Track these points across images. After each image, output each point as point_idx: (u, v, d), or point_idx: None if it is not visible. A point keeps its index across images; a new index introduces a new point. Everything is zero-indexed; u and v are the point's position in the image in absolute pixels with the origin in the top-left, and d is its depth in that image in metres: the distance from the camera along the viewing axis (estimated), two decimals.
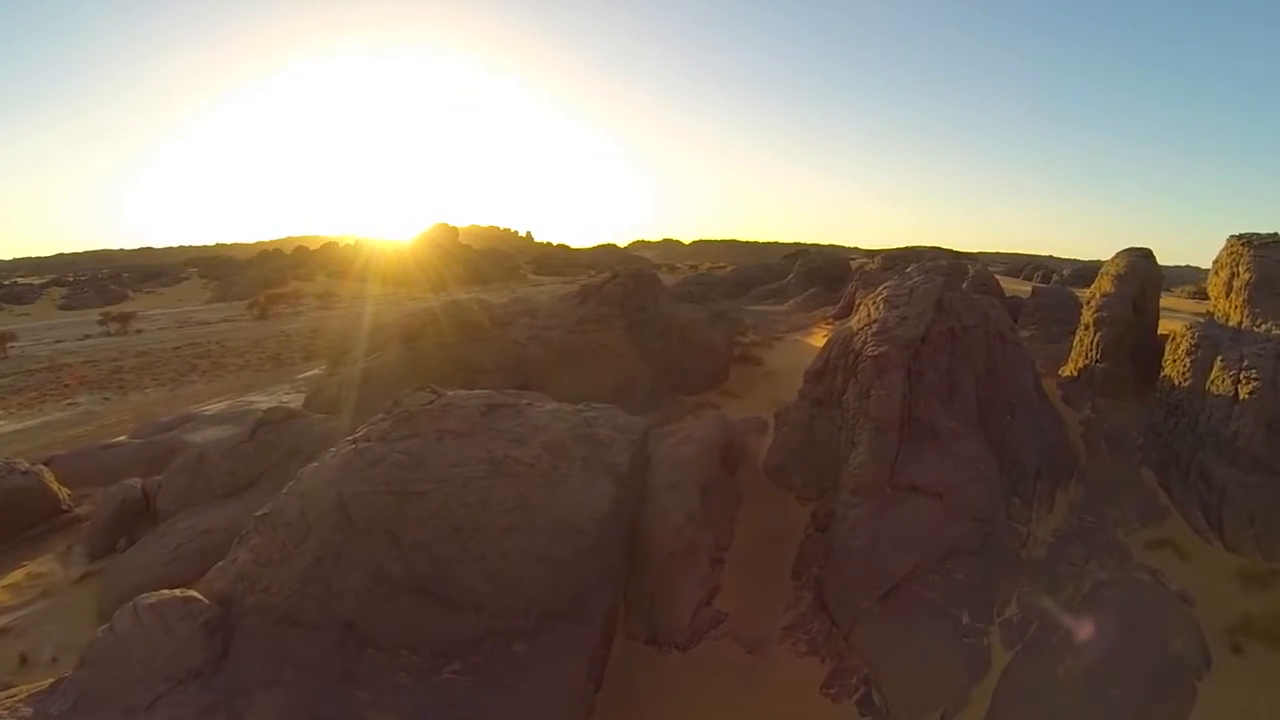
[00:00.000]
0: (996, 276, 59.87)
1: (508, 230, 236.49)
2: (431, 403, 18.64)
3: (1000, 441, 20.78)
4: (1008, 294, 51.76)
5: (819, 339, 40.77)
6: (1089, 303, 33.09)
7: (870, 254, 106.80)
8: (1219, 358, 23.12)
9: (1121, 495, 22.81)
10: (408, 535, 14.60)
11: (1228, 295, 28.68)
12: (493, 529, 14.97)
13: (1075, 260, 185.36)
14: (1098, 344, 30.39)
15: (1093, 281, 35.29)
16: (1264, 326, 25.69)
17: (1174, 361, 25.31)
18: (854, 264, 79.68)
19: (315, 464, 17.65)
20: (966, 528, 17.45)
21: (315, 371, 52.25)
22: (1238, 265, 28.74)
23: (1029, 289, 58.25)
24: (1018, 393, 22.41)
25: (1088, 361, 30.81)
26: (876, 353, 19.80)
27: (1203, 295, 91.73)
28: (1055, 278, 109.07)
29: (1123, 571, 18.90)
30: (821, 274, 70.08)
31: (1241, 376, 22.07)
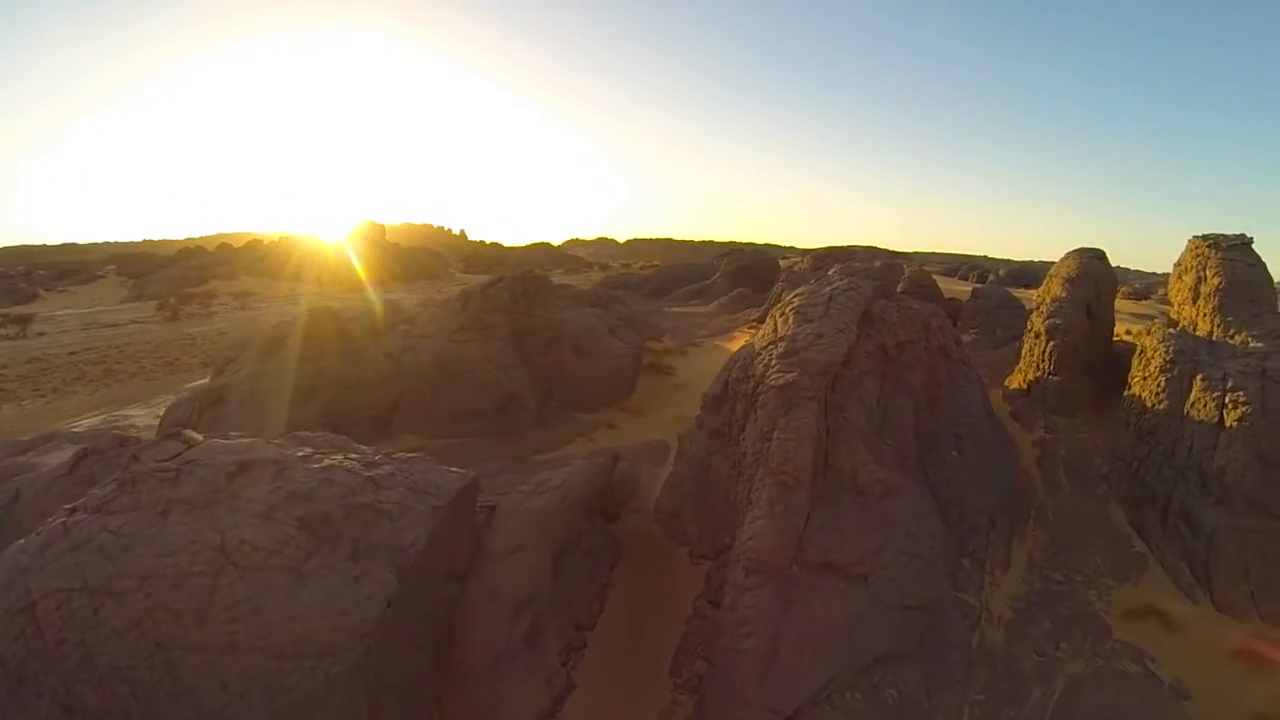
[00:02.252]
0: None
1: (440, 228, 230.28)
2: (174, 456, 13.56)
3: (945, 487, 16.46)
4: (946, 295, 48.65)
5: (741, 344, 36.45)
6: (1038, 308, 29.99)
7: (806, 254, 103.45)
8: (1199, 376, 20.20)
9: (1089, 541, 19.64)
10: (104, 652, 10.77)
11: (1194, 302, 25.19)
12: (211, 648, 10.77)
13: (1010, 260, 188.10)
14: (1050, 355, 27.11)
15: (1029, 282, 32.14)
16: (1238, 337, 22.32)
17: (1144, 379, 21.76)
18: (784, 263, 75.85)
19: (21, 540, 13.00)
20: (900, 620, 12.76)
21: (203, 381, 47.14)
22: (1204, 269, 25.35)
23: (968, 290, 55.49)
24: (966, 422, 18.03)
25: (1039, 374, 27.59)
26: (781, 382, 14.88)
27: (1140, 296, 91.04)
28: (991, 278, 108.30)
29: (1102, 659, 15.25)
30: (749, 273, 66.20)
31: (1227, 399, 19.31)
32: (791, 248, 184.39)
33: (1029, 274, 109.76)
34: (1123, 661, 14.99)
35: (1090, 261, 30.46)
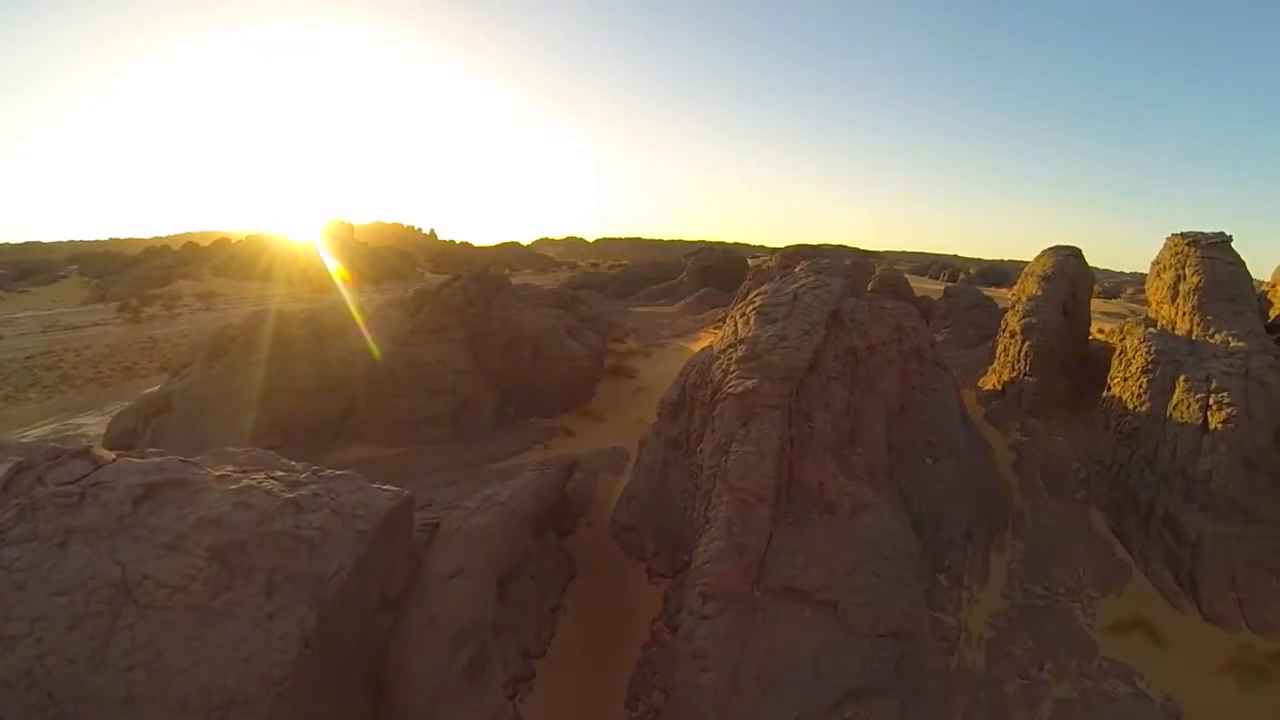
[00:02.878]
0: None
1: (410, 228, 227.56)
2: (80, 479, 12.21)
3: (919, 498, 15.42)
4: (918, 294, 47.93)
5: (706, 345, 35.42)
6: (1014, 307, 29.26)
7: (775, 252, 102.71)
8: (1181, 377, 19.51)
9: (1070, 550, 18.83)
10: None
11: (1173, 300, 24.50)
12: (107, 699, 9.67)
13: (980, 260, 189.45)
14: (1026, 355, 26.30)
15: (1000, 281, 31.39)
16: (1218, 337, 21.60)
17: (1124, 380, 20.95)
18: (753, 262, 74.98)
19: None
20: (873, 650, 11.63)
21: (157, 388, 45.25)
22: (1183, 268, 24.71)
23: (940, 289, 54.93)
24: (941, 429, 17.02)
25: (1014, 374, 26.78)
26: (740, 389, 13.67)
27: (1110, 295, 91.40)
28: (962, 277, 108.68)
29: (1089, 680, 14.44)
30: (716, 272, 65.15)
31: (1211, 401, 18.63)
32: (761, 246, 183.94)
33: (999, 273, 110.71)
34: (1111, 681, 14.18)
35: (1066, 259, 29.83)
